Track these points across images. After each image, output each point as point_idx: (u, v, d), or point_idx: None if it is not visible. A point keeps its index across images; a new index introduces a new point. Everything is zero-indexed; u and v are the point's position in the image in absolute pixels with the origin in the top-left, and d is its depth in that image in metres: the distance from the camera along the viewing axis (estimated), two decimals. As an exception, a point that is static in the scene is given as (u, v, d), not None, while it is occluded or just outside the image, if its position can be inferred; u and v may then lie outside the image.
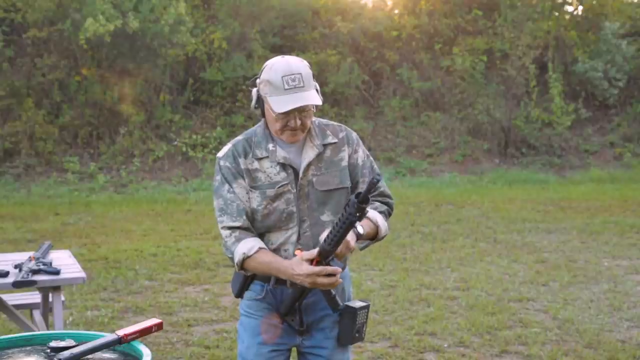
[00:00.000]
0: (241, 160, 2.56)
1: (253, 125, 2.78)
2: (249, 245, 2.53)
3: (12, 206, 10.77)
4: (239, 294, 2.69)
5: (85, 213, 10.29)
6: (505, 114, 14.88)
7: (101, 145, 13.25)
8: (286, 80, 2.46)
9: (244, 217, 2.55)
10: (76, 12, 12.88)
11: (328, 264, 2.43)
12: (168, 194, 11.97)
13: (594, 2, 16.47)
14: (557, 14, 16.33)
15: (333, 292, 2.50)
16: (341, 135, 2.66)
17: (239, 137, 2.64)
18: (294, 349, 2.75)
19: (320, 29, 15.63)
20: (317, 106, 2.52)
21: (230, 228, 2.55)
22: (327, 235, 2.39)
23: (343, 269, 2.54)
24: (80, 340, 2.26)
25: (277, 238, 2.57)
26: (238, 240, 2.54)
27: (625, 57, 15.46)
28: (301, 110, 2.48)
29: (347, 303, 2.64)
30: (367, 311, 2.63)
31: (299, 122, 2.49)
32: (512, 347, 5.05)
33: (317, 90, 2.54)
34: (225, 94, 14.55)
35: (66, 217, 9.93)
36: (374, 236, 2.62)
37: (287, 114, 2.47)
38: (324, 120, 2.69)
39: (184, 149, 13.43)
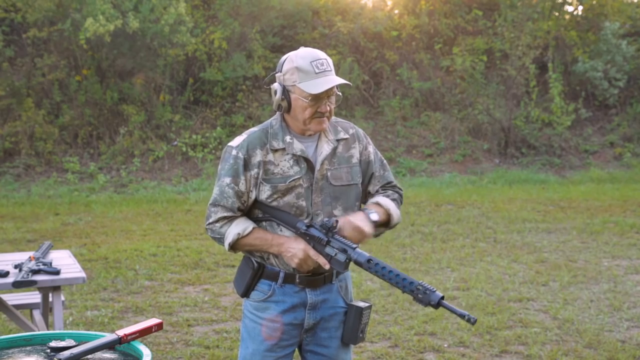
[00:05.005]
0: (257, 152, 2.57)
1: (253, 126, 2.80)
2: (243, 226, 2.56)
3: (12, 206, 10.77)
4: (245, 293, 2.67)
5: (85, 213, 10.29)
6: (505, 114, 14.88)
7: (101, 145, 13.25)
8: (315, 65, 2.52)
9: (236, 211, 2.58)
10: (76, 12, 12.88)
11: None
12: (168, 194, 11.97)
13: (594, 2, 16.47)
14: (557, 14, 16.32)
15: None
16: (351, 131, 2.74)
17: (254, 129, 2.65)
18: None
19: (320, 29, 15.63)
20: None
21: (222, 219, 2.58)
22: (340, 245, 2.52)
23: (346, 268, 2.56)
24: (80, 340, 2.26)
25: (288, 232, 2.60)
26: (230, 222, 2.57)
27: (625, 57, 15.45)
28: (330, 95, 2.57)
29: (352, 303, 2.66)
30: (370, 312, 2.67)
31: (323, 108, 2.56)
32: (512, 347, 5.05)
33: None
34: (225, 94, 14.55)
35: (66, 217, 9.93)
36: (386, 223, 2.69)
37: (319, 98, 2.52)
38: (333, 117, 2.74)
39: (184, 149, 13.43)
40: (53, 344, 2.24)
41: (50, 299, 4.35)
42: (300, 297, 2.62)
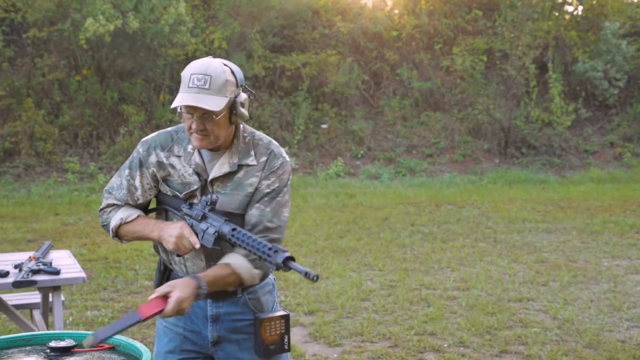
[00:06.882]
0: (156, 153, 2.51)
1: (253, 126, 2.76)
2: (128, 213, 2.52)
3: (12, 206, 10.77)
4: None
5: (85, 213, 10.29)
6: (505, 114, 14.88)
7: (101, 145, 13.25)
8: (192, 79, 2.36)
9: (128, 203, 2.55)
10: (76, 12, 12.88)
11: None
12: (168, 194, 11.97)
13: (594, 2, 16.47)
14: (557, 14, 16.32)
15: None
16: (262, 159, 2.49)
17: (167, 129, 2.59)
18: None
19: (320, 29, 15.63)
20: (240, 117, 2.40)
21: (111, 205, 2.56)
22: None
23: (216, 244, 2.41)
24: (80, 341, 2.26)
25: None
26: (118, 208, 2.55)
27: (625, 57, 15.45)
28: (202, 114, 2.36)
29: (256, 314, 2.55)
30: (285, 321, 2.51)
31: (195, 125, 2.38)
32: (512, 347, 5.05)
33: (237, 102, 2.39)
34: (225, 94, 14.56)
35: (66, 217, 9.92)
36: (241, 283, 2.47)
37: (187, 113, 2.39)
38: (259, 137, 2.54)
39: (184, 149, 13.44)
40: (53, 344, 2.24)
41: (50, 299, 4.34)
42: (201, 307, 2.55)
